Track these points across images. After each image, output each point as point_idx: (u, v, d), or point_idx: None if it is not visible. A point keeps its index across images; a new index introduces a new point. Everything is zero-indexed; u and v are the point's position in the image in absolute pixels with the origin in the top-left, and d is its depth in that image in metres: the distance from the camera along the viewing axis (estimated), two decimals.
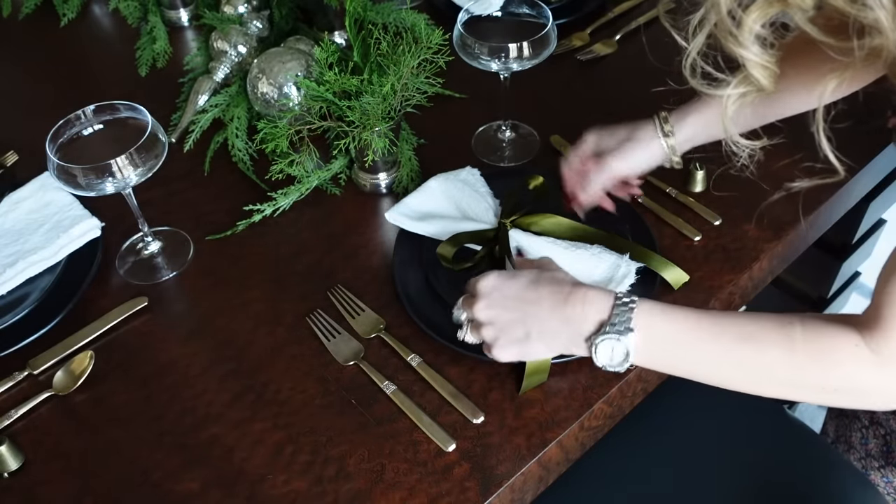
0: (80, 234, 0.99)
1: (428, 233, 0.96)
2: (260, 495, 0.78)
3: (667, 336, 0.74)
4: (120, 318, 0.93)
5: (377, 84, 0.96)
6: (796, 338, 0.70)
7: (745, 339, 0.72)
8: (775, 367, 0.72)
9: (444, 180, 1.00)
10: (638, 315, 0.73)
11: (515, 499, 0.80)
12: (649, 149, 0.91)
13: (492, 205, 0.99)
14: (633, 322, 0.73)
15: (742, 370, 0.73)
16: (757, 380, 0.74)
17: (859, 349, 0.68)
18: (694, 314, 0.74)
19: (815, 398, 0.73)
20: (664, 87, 0.78)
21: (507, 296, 0.77)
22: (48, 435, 0.84)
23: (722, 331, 0.72)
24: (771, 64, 0.67)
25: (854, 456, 1.08)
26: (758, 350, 0.72)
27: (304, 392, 0.85)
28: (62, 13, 1.38)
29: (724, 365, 0.74)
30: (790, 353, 0.70)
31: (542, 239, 0.93)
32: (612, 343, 0.73)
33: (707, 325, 0.73)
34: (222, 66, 1.18)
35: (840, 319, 0.71)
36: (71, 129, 0.91)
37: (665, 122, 0.91)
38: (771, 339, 0.71)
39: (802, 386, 0.72)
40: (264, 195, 1.03)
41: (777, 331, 0.71)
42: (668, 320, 0.74)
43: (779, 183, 0.84)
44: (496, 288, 0.78)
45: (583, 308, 0.75)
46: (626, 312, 0.73)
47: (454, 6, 1.24)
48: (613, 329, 0.73)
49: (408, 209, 0.98)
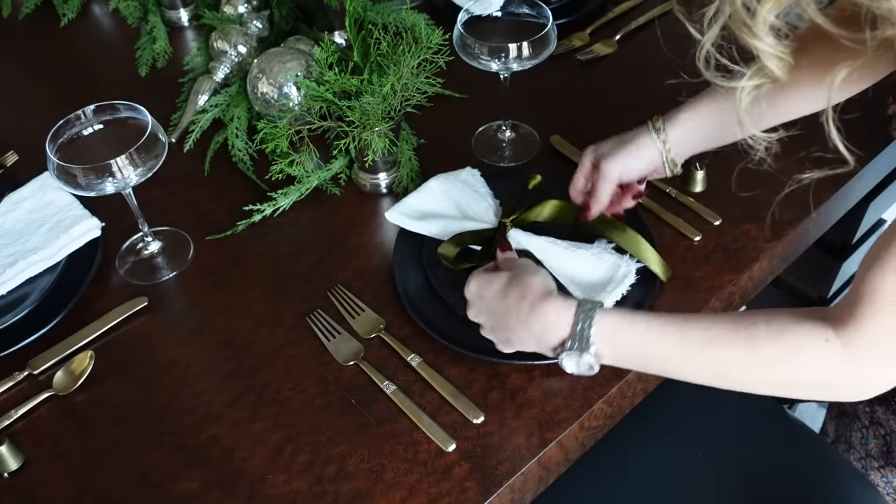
0: (80, 234, 0.99)
1: (428, 232, 0.96)
2: (260, 495, 0.78)
3: (629, 347, 0.75)
4: (120, 318, 0.93)
5: (377, 84, 0.96)
6: (759, 337, 0.70)
7: (706, 343, 0.72)
8: (739, 369, 0.72)
9: (444, 180, 1.00)
10: (598, 330, 0.74)
11: (515, 499, 0.80)
12: (643, 148, 0.90)
13: (492, 205, 0.99)
14: (594, 337, 0.74)
15: (707, 372, 0.74)
16: (723, 380, 0.75)
17: (830, 344, 0.68)
18: (657, 321, 0.74)
19: (785, 392, 0.74)
20: (677, 80, 0.77)
21: (485, 303, 0.80)
22: (48, 435, 0.84)
23: (684, 337, 0.73)
24: (785, 55, 0.67)
25: (854, 456, 1.08)
26: (720, 354, 0.72)
27: (304, 392, 0.85)
28: (62, 13, 1.38)
29: (690, 369, 0.75)
30: (753, 353, 0.71)
31: (542, 239, 0.93)
32: (575, 357, 0.75)
33: (670, 332, 0.73)
34: (222, 66, 1.18)
35: (810, 314, 0.71)
36: (71, 129, 0.91)
37: (655, 122, 0.90)
38: (733, 341, 0.71)
39: (769, 383, 0.73)
40: (264, 195, 1.03)
41: (739, 332, 0.71)
42: (629, 331, 0.75)
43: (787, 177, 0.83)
44: (478, 295, 0.81)
45: (544, 323, 0.76)
46: (586, 329, 0.74)
47: (454, 6, 1.24)
48: (575, 346, 0.75)
49: (408, 209, 0.98)
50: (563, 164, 1.06)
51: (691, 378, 0.76)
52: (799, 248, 1.02)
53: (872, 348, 0.67)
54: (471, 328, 0.86)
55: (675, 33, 0.74)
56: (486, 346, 0.85)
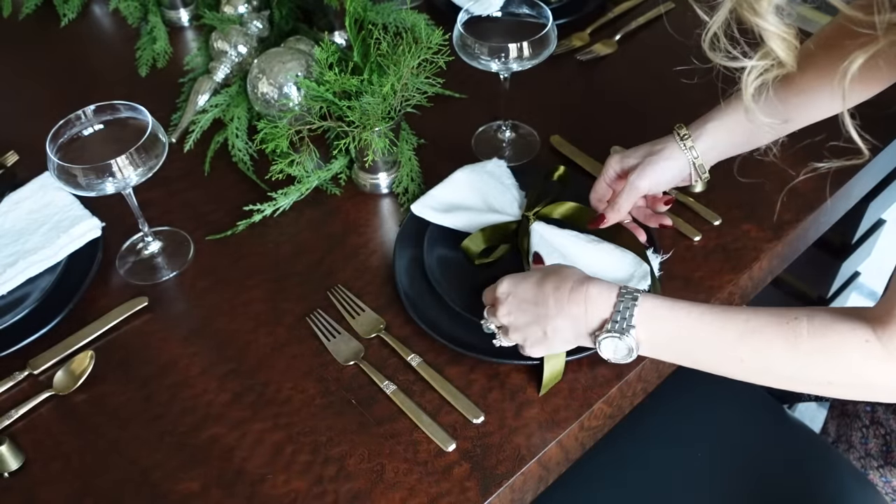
0: (81, 234, 0.99)
1: (453, 225, 0.96)
2: (260, 495, 0.78)
3: (670, 332, 0.74)
4: (120, 318, 0.93)
5: (377, 84, 0.96)
6: (801, 333, 0.70)
7: (748, 335, 0.71)
8: (779, 363, 0.71)
9: (470, 171, 1.00)
10: (640, 312, 0.73)
11: (515, 499, 0.80)
12: (672, 160, 0.89)
13: (517, 197, 0.99)
14: (635, 319, 0.73)
15: (745, 365, 0.73)
16: (761, 374, 0.74)
17: (870, 345, 0.68)
18: (697, 309, 0.73)
19: (821, 391, 0.73)
20: (687, 66, 0.77)
21: (520, 299, 0.78)
22: (48, 435, 0.84)
23: (725, 326, 0.72)
24: (789, 36, 0.67)
25: (854, 455, 1.08)
26: (761, 346, 0.71)
27: (304, 392, 0.85)
28: (62, 13, 1.38)
29: (728, 360, 0.74)
30: (794, 348, 0.70)
31: (565, 232, 0.93)
32: (614, 341, 0.74)
33: (709, 321, 0.73)
34: (222, 66, 1.18)
35: (850, 313, 0.70)
36: (71, 129, 0.91)
37: (681, 130, 0.90)
38: (775, 334, 0.71)
39: (807, 381, 0.72)
40: (264, 195, 1.03)
41: (781, 326, 0.70)
42: (670, 317, 0.74)
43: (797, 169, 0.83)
44: (510, 293, 0.79)
45: (585, 306, 0.75)
46: (627, 310, 0.73)
47: (454, 6, 1.24)
48: (615, 327, 0.74)
49: (434, 201, 0.98)
50: (564, 164, 1.06)
51: (727, 370, 0.74)
52: (799, 248, 1.02)
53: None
54: (471, 328, 0.87)
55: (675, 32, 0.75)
56: (486, 347, 0.85)
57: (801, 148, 0.86)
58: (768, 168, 0.91)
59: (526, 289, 0.78)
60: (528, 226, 0.94)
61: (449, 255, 0.95)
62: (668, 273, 0.92)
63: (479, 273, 0.93)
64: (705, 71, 0.74)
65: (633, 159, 0.91)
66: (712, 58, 0.71)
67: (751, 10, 0.65)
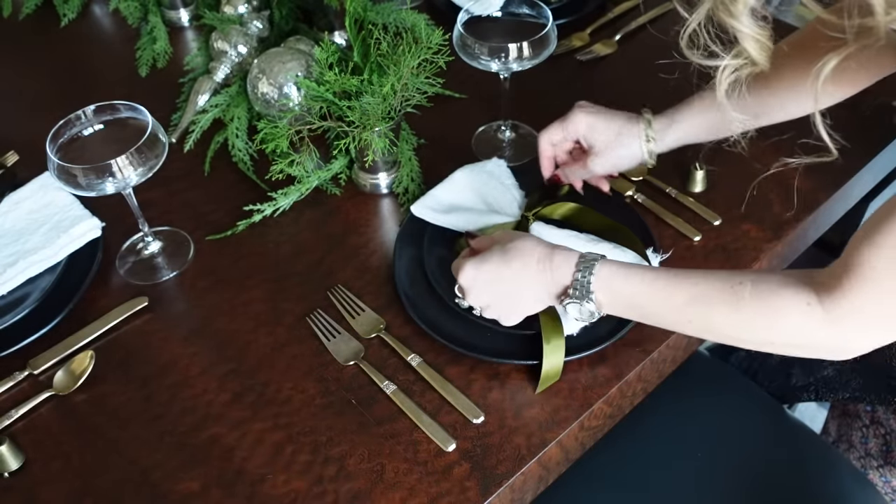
0: (81, 234, 0.99)
1: (453, 226, 0.96)
2: (260, 495, 0.78)
3: (625, 297, 0.78)
4: (120, 318, 0.93)
5: (377, 84, 0.96)
6: (744, 296, 0.73)
7: (693, 299, 0.75)
8: (723, 325, 0.75)
9: (469, 171, 1.01)
10: (597, 280, 0.77)
11: (515, 499, 0.80)
12: (630, 150, 0.93)
13: (517, 197, 0.99)
14: (593, 286, 0.77)
15: (693, 326, 0.77)
16: (708, 334, 0.79)
17: (811, 308, 0.70)
18: (651, 275, 0.78)
19: (768, 349, 0.77)
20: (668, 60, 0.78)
21: (486, 280, 0.81)
22: (48, 435, 0.84)
23: (673, 291, 0.76)
24: (763, 37, 0.70)
25: (854, 455, 1.08)
26: (706, 310, 0.75)
27: (304, 392, 0.85)
28: (62, 13, 1.38)
29: (677, 322, 0.78)
30: (736, 311, 0.73)
31: (564, 232, 0.93)
32: (577, 306, 0.79)
33: (661, 286, 0.77)
34: (222, 66, 1.18)
35: (797, 277, 0.73)
36: (71, 129, 0.91)
37: (649, 127, 0.92)
38: (718, 298, 0.74)
39: (750, 341, 0.76)
40: (264, 195, 1.03)
41: (725, 290, 0.74)
42: (625, 283, 0.78)
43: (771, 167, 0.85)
44: (474, 278, 0.82)
45: (551, 274, 0.79)
46: (585, 278, 0.77)
47: (454, 6, 1.24)
48: (576, 294, 0.78)
49: (434, 201, 0.98)
50: None
51: (681, 330, 0.79)
52: (799, 248, 1.02)
53: (852, 316, 0.69)
54: (471, 328, 0.87)
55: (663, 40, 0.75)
56: (486, 347, 0.85)
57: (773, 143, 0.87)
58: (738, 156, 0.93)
59: (489, 269, 0.81)
60: (528, 226, 0.94)
61: (449, 255, 0.95)
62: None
63: None
64: (684, 66, 0.76)
65: (601, 140, 0.94)
66: (689, 56, 0.73)
67: (726, 11, 0.67)
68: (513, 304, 0.82)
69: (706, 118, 0.90)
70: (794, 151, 0.78)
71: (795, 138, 0.82)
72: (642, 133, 0.92)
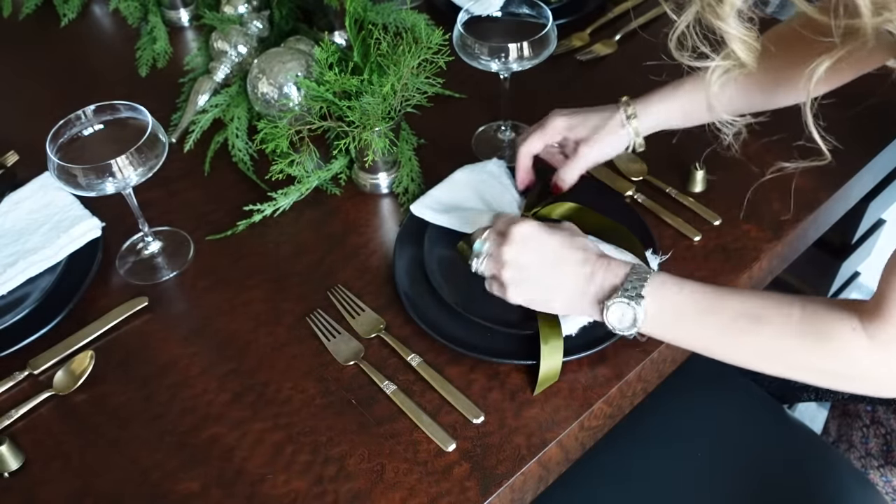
0: (81, 234, 0.99)
1: (453, 225, 0.96)
2: (260, 495, 0.78)
3: (674, 307, 0.76)
4: (120, 318, 0.93)
5: (377, 84, 0.96)
6: (793, 319, 0.72)
7: (743, 316, 0.74)
8: (769, 346, 0.74)
9: (469, 171, 1.01)
10: (650, 284, 0.75)
11: (515, 499, 0.80)
12: (619, 137, 0.94)
13: (516, 197, 0.99)
14: (645, 290, 0.75)
15: (738, 347, 0.75)
16: (752, 358, 0.76)
17: (856, 333, 0.70)
18: (702, 288, 0.76)
19: (811, 379, 0.75)
20: (657, 62, 0.79)
21: (543, 247, 0.79)
22: (48, 435, 0.84)
23: (724, 305, 0.75)
24: (750, 39, 0.70)
25: (854, 455, 1.08)
26: (754, 327, 0.73)
27: (304, 392, 0.85)
28: (62, 13, 1.38)
29: (723, 340, 0.76)
30: (784, 333, 0.72)
31: None
32: (622, 307, 0.76)
33: (712, 299, 0.75)
34: (222, 66, 1.18)
35: (843, 304, 0.72)
36: (71, 129, 0.91)
37: (628, 110, 0.93)
38: (768, 317, 0.73)
39: (796, 366, 0.74)
40: (264, 195, 1.03)
41: (776, 310, 0.73)
42: (677, 292, 0.76)
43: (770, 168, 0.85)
44: (533, 237, 0.79)
45: (604, 274, 0.77)
46: (639, 280, 0.75)
47: (454, 6, 1.24)
48: (625, 294, 0.75)
49: (433, 201, 0.98)
50: None
51: (722, 353, 0.76)
52: (799, 248, 1.02)
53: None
54: (471, 328, 0.86)
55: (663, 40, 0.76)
56: (486, 347, 0.85)
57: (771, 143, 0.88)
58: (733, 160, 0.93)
59: (555, 242, 0.79)
60: None
61: (449, 254, 0.95)
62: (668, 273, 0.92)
63: None
64: (673, 68, 0.76)
65: (583, 130, 0.94)
66: (678, 58, 0.74)
67: (714, 14, 0.68)
68: (546, 285, 0.79)
69: (685, 101, 0.91)
70: (790, 153, 0.78)
71: (790, 139, 0.82)
72: (622, 114, 0.93)
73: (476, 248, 0.82)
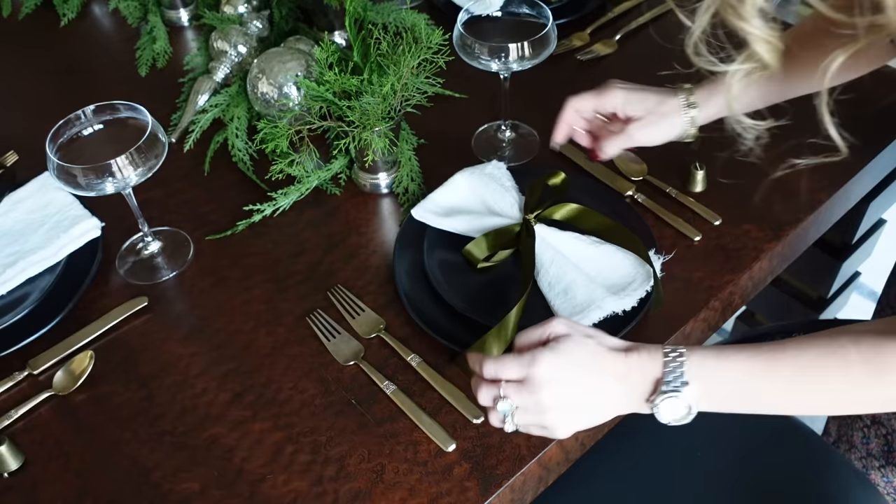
0: (80, 233, 0.99)
1: (454, 229, 0.96)
2: (260, 495, 0.78)
3: (723, 382, 0.72)
4: (120, 318, 0.93)
5: (377, 84, 0.96)
6: (852, 360, 0.69)
7: (800, 373, 0.70)
8: (837, 394, 0.71)
9: (469, 174, 1.00)
10: (689, 367, 0.71)
11: (515, 499, 0.80)
12: (672, 124, 0.92)
13: (517, 199, 0.99)
14: (686, 375, 0.70)
15: (804, 402, 0.72)
16: (822, 407, 0.74)
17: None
18: (745, 354, 0.71)
19: (887, 408, 0.72)
20: (670, 71, 0.78)
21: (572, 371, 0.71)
22: (48, 435, 0.84)
23: (776, 368, 0.71)
24: (774, 38, 0.68)
25: (855, 455, 1.08)
26: (816, 382, 0.70)
27: (304, 392, 0.85)
28: (62, 13, 1.38)
29: (786, 400, 0.73)
30: (848, 377, 0.69)
31: (567, 234, 0.92)
32: (671, 401, 0.71)
33: (760, 365, 0.71)
34: (222, 66, 1.18)
35: (887, 327, 0.70)
36: (71, 129, 0.91)
37: (690, 99, 0.91)
38: (827, 367, 0.70)
39: (868, 402, 0.72)
40: (264, 195, 1.03)
41: (831, 357, 0.70)
42: (720, 367, 0.71)
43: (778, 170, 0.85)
44: (556, 367, 0.71)
45: (640, 372, 0.72)
46: (677, 368, 0.70)
47: (454, 6, 1.24)
48: (669, 386, 0.70)
49: (434, 205, 0.98)
50: (564, 163, 1.06)
51: (788, 409, 0.74)
52: (799, 248, 1.02)
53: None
54: (471, 328, 0.86)
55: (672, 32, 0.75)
56: None
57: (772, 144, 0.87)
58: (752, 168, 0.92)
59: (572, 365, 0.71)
60: (532, 228, 0.93)
61: (449, 254, 0.95)
62: (668, 273, 0.92)
63: (478, 273, 0.93)
64: (687, 76, 0.74)
65: (639, 110, 0.93)
66: (696, 62, 0.71)
67: (735, 14, 0.65)
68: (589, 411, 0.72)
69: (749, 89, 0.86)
70: (791, 152, 0.77)
71: (790, 138, 0.82)
72: (682, 101, 0.91)
73: (503, 409, 0.72)
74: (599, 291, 0.87)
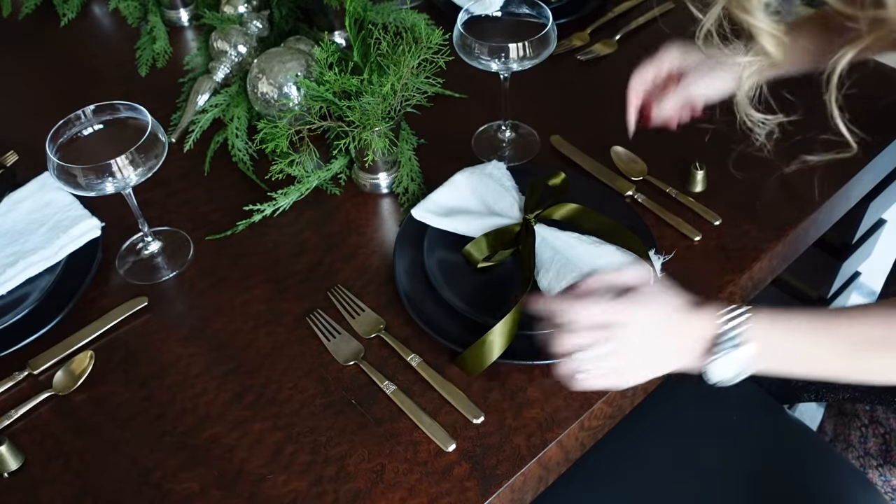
0: (80, 233, 0.99)
1: (454, 229, 0.96)
2: (260, 495, 0.78)
3: (783, 346, 0.72)
4: (120, 318, 0.93)
5: (377, 84, 0.96)
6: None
7: (864, 344, 0.70)
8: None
9: (469, 174, 1.00)
10: (751, 326, 0.70)
11: (515, 499, 0.80)
12: (733, 72, 0.87)
13: (517, 199, 0.99)
14: (745, 335, 0.70)
15: (868, 373, 0.72)
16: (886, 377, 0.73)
17: None
18: (806, 320, 0.71)
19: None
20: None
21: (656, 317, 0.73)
22: (48, 435, 0.84)
23: (839, 335, 0.71)
24: (779, 32, 0.69)
25: (852, 454, 1.08)
26: (882, 352, 0.70)
27: (304, 392, 0.85)
28: (62, 13, 1.38)
29: (848, 370, 0.73)
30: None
31: (567, 234, 0.92)
32: (726, 359, 0.71)
33: (825, 333, 0.71)
34: (222, 66, 1.18)
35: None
36: (71, 129, 0.91)
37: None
38: (889, 339, 0.69)
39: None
40: (264, 195, 1.03)
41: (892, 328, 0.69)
42: (783, 330, 0.72)
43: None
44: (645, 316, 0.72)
45: (701, 328, 0.72)
46: (740, 325, 0.71)
47: (454, 6, 1.24)
48: (729, 343, 0.70)
49: (434, 205, 0.98)
50: (564, 163, 1.06)
51: (850, 379, 0.73)
52: (799, 248, 1.02)
53: None
54: (470, 328, 0.86)
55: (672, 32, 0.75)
56: None
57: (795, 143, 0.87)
58: (763, 163, 0.92)
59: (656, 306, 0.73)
60: (532, 228, 0.93)
61: (449, 254, 0.95)
62: (668, 273, 0.92)
63: (478, 273, 0.93)
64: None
65: (695, 58, 0.90)
66: (707, 54, 0.72)
67: (741, 7, 0.67)
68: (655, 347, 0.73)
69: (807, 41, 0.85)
70: (790, 152, 0.77)
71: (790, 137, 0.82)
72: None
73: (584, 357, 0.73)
74: None
